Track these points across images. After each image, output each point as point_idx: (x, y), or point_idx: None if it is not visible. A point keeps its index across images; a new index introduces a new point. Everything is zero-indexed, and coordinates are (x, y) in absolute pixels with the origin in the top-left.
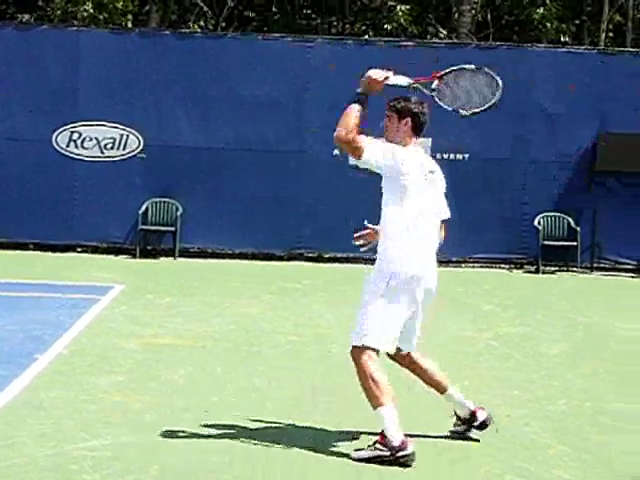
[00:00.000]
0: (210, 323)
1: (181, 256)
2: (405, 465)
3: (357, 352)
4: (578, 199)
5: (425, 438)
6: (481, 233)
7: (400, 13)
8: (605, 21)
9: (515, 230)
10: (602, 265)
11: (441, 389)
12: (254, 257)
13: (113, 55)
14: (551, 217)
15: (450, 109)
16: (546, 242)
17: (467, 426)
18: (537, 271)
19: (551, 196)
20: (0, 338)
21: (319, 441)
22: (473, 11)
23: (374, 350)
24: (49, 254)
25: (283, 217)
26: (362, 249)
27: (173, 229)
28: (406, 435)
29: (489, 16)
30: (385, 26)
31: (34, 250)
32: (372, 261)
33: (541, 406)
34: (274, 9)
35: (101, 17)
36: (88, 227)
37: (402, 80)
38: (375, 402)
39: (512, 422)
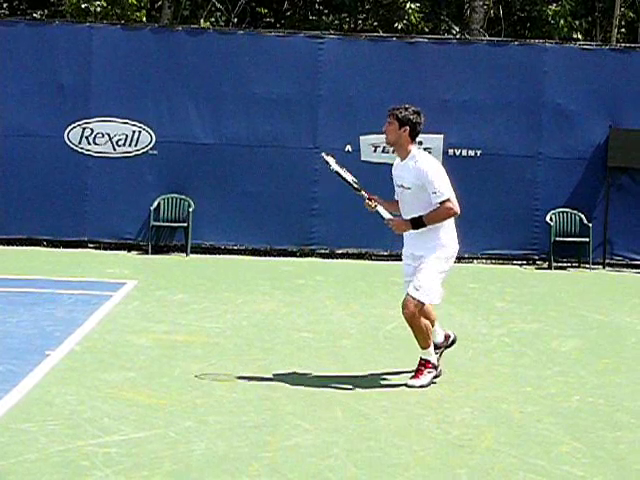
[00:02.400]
0: (222, 319)
1: (193, 252)
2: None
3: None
4: (590, 195)
5: (437, 435)
6: (493, 229)
7: (410, 11)
8: (617, 17)
9: (527, 226)
10: (614, 261)
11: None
12: (266, 253)
13: (125, 51)
14: (563, 213)
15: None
16: (558, 238)
17: (442, 349)
18: (549, 267)
19: (563, 192)
20: (12, 334)
21: (329, 437)
22: (485, 7)
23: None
24: (61, 250)
25: (295, 213)
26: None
27: (185, 225)
28: (418, 431)
29: (501, 12)
30: (396, 25)
31: (46, 247)
32: (382, 257)
33: (554, 403)
34: (286, 5)
35: (113, 12)
36: (100, 223)
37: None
38: (424, 345)
39: (525, 418)
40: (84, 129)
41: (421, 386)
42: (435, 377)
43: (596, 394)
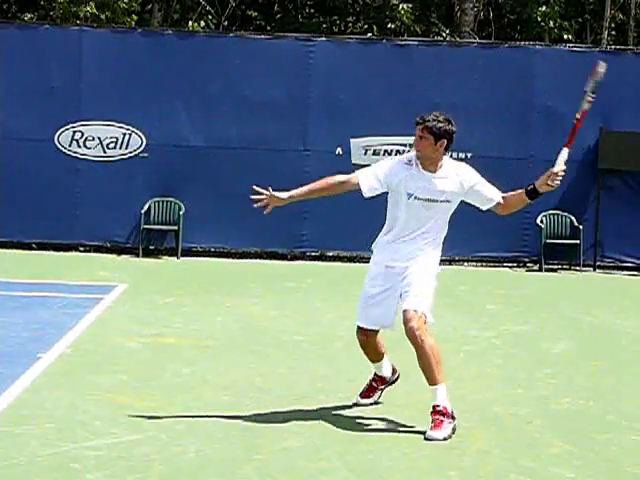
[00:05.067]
0: (213, 322)
1: (184, 255)
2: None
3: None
4: (581, 197)
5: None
6: (484, 232)
7: (402, 12)
8: (607, 19)
9: (518, 229)
10: (605, 263)
11: (381, 357)
12: (257, 256)
13: (115, 54)
14: (554, 215)
15: None
16: (549, 240)
17: (386, 385)
18: (540, 269)
19: (553, 194)
20: (3, 337)
21: (320, 440)
22: (475, 9)
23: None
24: (52, 253)
25: (286, 216)
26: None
27: (176, 228)
28: (408, 433)
29: (491, 14)
30: (388, 25)
31: (37, 250)
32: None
33: (545, 405)
34: (276, 8)
35: (103, 17)
36: (91, 226)
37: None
38: (438, 379)
39: (516, 421)
40: (74, 132)
41: (436, 439)
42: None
43: (587, 396)
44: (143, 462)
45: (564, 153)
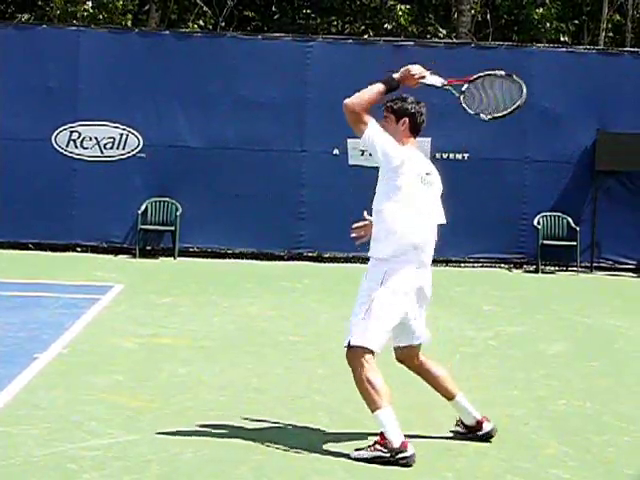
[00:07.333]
0: (209, 323)
1: (181, 256)
2: (405, 466)
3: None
4: (577, 198)
5: (424, 438)
6: (481, 233)
7: (400, 12)
8: (604, 21)
9: (514, 230)
10: (602, 265)
11: (450, 395)
12: (254, 257)
13: (113, 55)
14: (550, 217)
15: (472, 112)
16: (546, 242)
17: (471, 434)
18: (537, 271)
19: (550, 196)
20: (0, 337)
21: (317, 440)
22: (472, 11)
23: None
24: (49, 254)
25: (283, 217)
26: (357, 242)
27: (172, 229)
28: (406, 436)
29: (488, 16)
30: (385, 25)
31: (34, 250)
32: (369, 260)
33: (541, 406)
34: (274, 9)
35: (101, 17)
36: (88, 227)
37: (436, 80)
38: (371, 406)
39: (512, 422)
40: (72, 132)
41: (353, 458)
42: (401, 460)
43: (583, 397)
44: (140, 462)
45: (435, 78)
